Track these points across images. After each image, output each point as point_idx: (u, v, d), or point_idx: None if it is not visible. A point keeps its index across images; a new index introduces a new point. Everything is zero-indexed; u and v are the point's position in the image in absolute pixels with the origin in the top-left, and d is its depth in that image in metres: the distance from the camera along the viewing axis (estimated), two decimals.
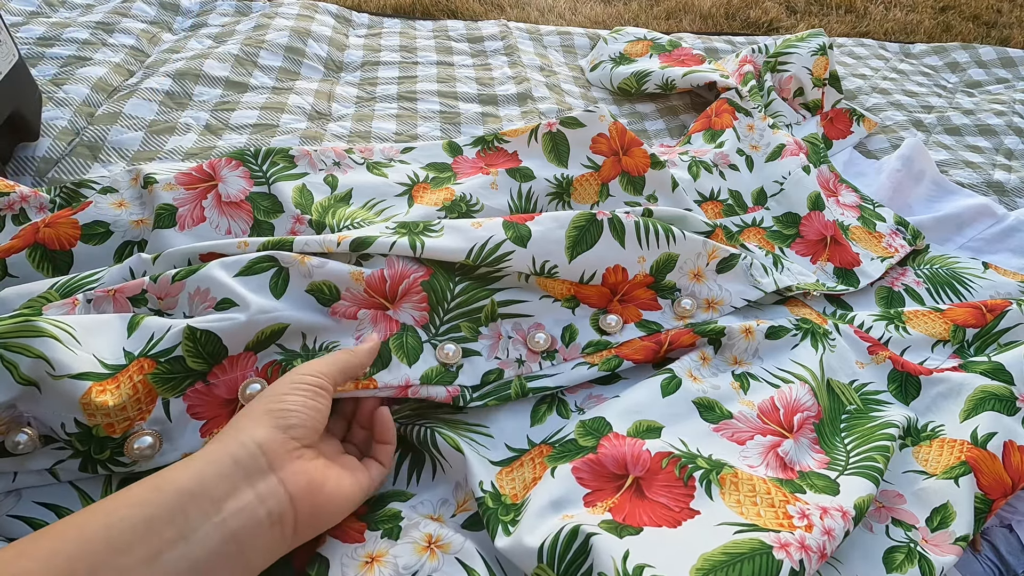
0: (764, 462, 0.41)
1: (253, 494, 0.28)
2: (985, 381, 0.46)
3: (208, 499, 0.26)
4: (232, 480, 0.27)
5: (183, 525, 0.25)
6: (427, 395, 0.42)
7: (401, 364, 0.42)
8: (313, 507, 0.30)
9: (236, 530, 0.26)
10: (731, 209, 0.65)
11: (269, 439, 0.29)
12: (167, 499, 0.26)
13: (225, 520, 0.26)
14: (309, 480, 0.30)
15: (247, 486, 0.28)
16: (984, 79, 1.02)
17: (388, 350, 0.42)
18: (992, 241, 0.66)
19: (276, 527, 0.28)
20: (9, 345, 0.32)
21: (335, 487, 0.31)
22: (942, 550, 0.38)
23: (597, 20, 1.71)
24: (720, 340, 0.49)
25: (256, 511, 0.27)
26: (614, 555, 0.32)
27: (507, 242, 0.46)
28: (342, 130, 0.70)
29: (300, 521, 0.29)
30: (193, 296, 0.40)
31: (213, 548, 0.25)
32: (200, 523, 0.26)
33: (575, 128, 0.60)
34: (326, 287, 0.42)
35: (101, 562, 0.23)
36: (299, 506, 0.29)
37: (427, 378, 0.42)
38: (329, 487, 0.31)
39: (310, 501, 0.30)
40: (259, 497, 0.28)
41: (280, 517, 0.28)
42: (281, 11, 0.89)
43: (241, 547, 0.26)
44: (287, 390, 0.33)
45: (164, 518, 0.25)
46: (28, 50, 0.71)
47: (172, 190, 0.48)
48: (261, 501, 0.28)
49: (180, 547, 0.25)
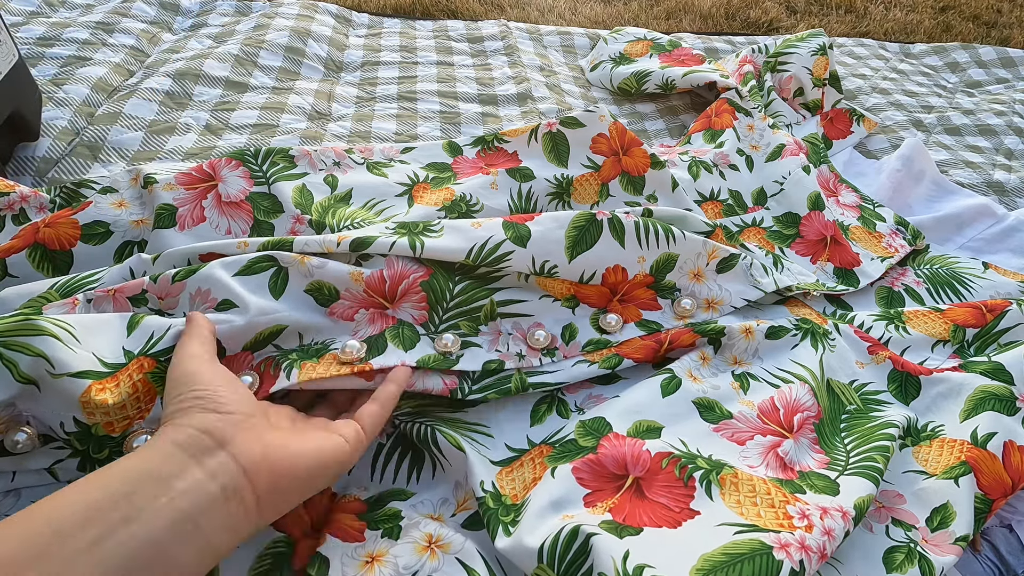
0: (764, 462, 0.41)
1: (202, 471, 0.27)
2: (985, 381, 0.46)
3: (153, 480, 0.26)
4: (178, 460, 0.27)
5: (128, 508, 0.25)
6: (423, 387, 0.42)
7: (397, 349, 0.42)
8: (272, 476, 0.28)
9: (187, 508, 0.26)
10: (731, 209, 0.65)
11: (206, 421, 0.29)
12: (111, 483, 0.25)
13: (173, 499, 0.25)
14: (263, 448, 0.29)
15: (195, 465, 0.27)
16: (984, 79, 1.02)
17: (384, 340, 0.42)
18: (992, 241, 0.66)
19: (233, 502, 0.27)
20: (9, 343, 0.32)
21: (295, 451, 0.30)
22: (942, 550, 0.38)
23: (597, 20, 1.71)
24: (720, 340, 0.49)
25: (207, 487, 0.26)
26: (614, 555, 0.32)
27: (507, 242, 0.46)
28: (342, 130, 0.70)
29: (261, 494, 0.28)
30: (194, 297, 0.40)
31: (163, 527, 0.25)
32: (147, 504, 0.25)
33: (575, 128, 0.60)
34: (325, 287, 0.42)
35: (45, 546, 0.23)
36: (256, 478, 0.28)
37: (424, 362, 0.42)
38: (288, 452, 0.29)
39: (268, 470, 0.28)
40: (209, 473, 0.27)
41: (236, 491, 0.27)
42: (281, 11, 0.89)
43: (196, 525, 0.26)
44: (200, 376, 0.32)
45: (108, 501, 0.25)
46: (28, 50, 0.71)
47: (172, 190, 0.48)
48: (212, 477, 0.27)
49: (127, 528, 0.24)
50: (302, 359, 0.39)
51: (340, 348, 0.40)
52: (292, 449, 0.30)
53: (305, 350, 0.41)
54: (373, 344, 0.42)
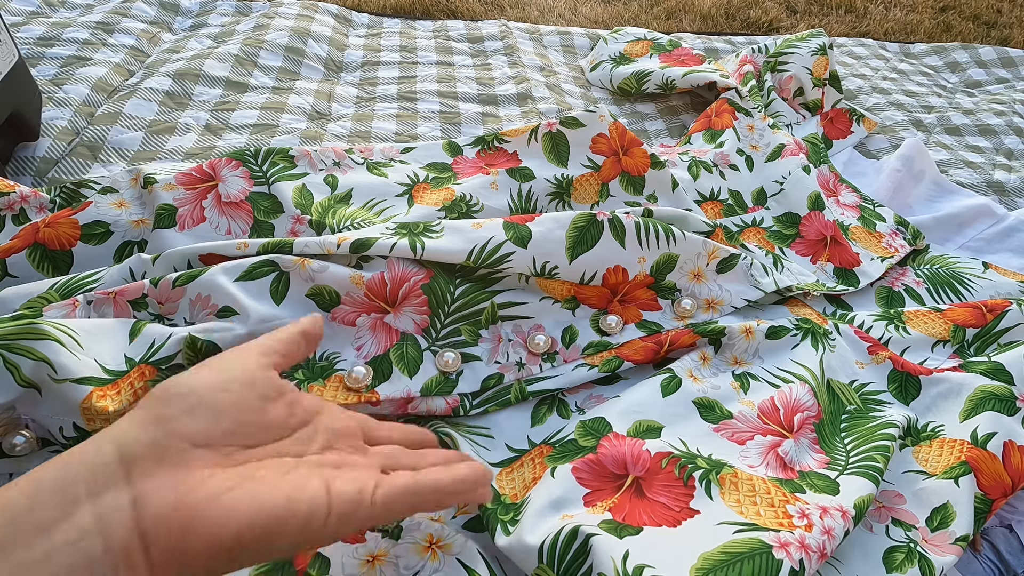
0: (764, 462, 0.41)
1: (91, 516, 0.20)
2: (985, 381, 0.47)
3: (34, 525, 0.20)
4: (70, 496, 0.20)
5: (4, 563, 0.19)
6: (427, 409, 0.42)
7: (402, 376, 0.42)
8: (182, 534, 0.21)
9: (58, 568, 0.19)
10: (731, 209, 0.65)
11: (132, 437, 0.22)
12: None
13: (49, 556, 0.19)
14: (182, 496, 0.21)
15: (87, 505, 0.20)
16: (984, 79, 1.02)
17: (389, 362, 0.42)
18: (992, 241, 0.66)
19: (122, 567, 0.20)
20: (12, 347, 0.32)
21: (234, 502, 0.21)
22: (942, 550, 0.38)
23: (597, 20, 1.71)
24: (720, 340, 0.49)
25: (87, 544, 0.20)
26: (614, 555, 0.32)
27: (507, 243, 0.46)
28: (342, 130, 0.70)
29: (161, 554, 0.21)
30: (194, 302, 0.40)
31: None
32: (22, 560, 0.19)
33: (575, 128, 0.60)
34: (326, 292, 0.42)
35: None
36: (157, 535, 0.20)
37: (427, 389, 0.42)
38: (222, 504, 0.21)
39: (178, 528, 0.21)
40: (97, 520, 0.20)
41: (124, 553, 0.20)
42: (281, 11, 0.89)
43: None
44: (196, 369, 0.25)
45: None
46: (28, 50, 0.71)
47: (172, 190, 0.48)
48: (97, 526, 0.20)
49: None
50: (309, 380, 0.40)
51: (346, 373, 0.41)
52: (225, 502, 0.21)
53: (310, 367, 0.41)
54: (378, 368, 0.42)
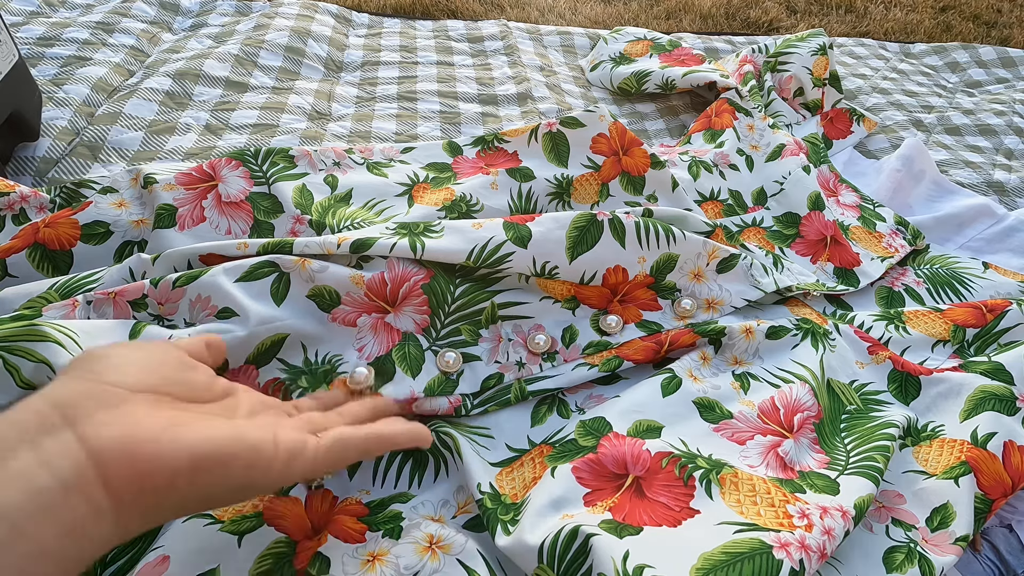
0: (764, 462, 0.41)
1: (32, 457, 0.21)
2: (985, 381, 0.47)
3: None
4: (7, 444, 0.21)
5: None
6: (431, 408, 0.42)
7: (406, 376, 0.42)
8: (134, 468, 0.22)
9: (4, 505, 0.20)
10: (731, 209, 0.65)
11: (66, 390, 0.23)
12: None
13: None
14: (125, 427, 0.22)
15: (26, 449, 0.21)
16: (984, 79, 1.02)
17: (392, 362, 0.42)
18: (992, 241, 0.66)
19: (74, 496, 0.21)
20: (13, 349, 0.32)
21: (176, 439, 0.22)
22: (942, 550, 0.38)
23: (597, 20, 1.71)
24: (720, 340, 0.49)
25: (32, 477, 0.20)
26: (614, 555, 0.32)
27: (508, 243, 0.46)
28: (342, 130, 0.70)
29: (116, 485, 0.21)
30: (194, 303, 0.40)
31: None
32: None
33: (575, 128, 0.60)
34: (327, 292, 0.42)
35: None
36: (109, 464, 0.21)
37: (430, 389, 0.42)
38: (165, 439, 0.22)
39: (128, 460, 0.22)
40: (40, 460, 0.21)
41: (77, 482, 0.21)
42: (281, 11, 0.89)
43: (15, 527, 0.20)
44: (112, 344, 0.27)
45: None
46: (28, 50, 0.71)
47: (172, 190, 0.48)
48: (42, 463, 0.21)
49: None
50: (313, 386, 0.40)
51: (348, 374, 0.41)
52: (171, 433, 0.22)
53: (313, 372, 0.41)
54: (380, 368, 0.42)
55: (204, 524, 0.35)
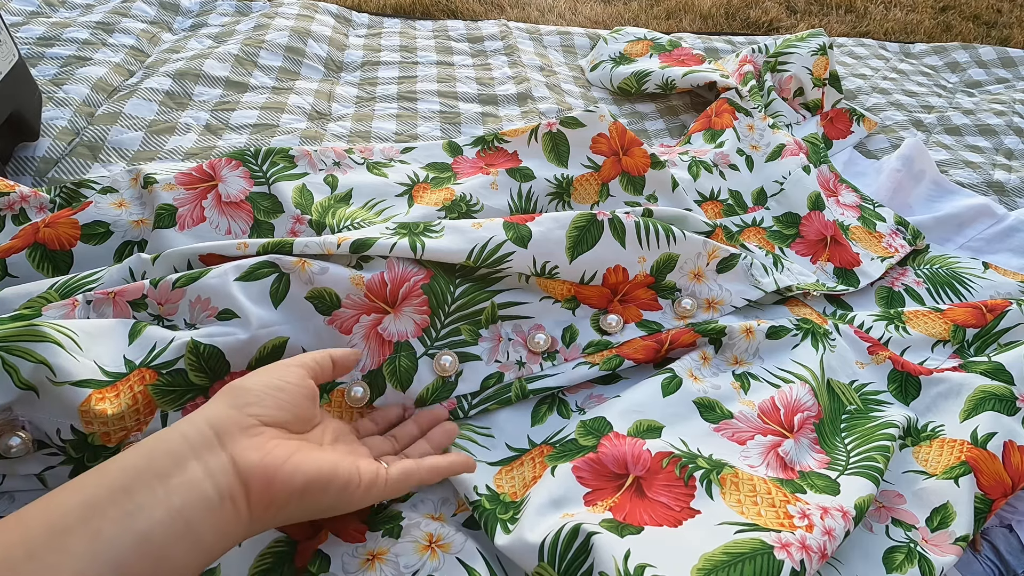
0: (764, 462, 0.41)
1: (201, 469, 0.26)
2: (985, 381, 0.47)
3: (152, 474, 0.25)
4: (179, 456, 0.26)
5: (126, 502, 0.24)
6: None
7: (395, 392, 0.42)
8: (266, 485, 0.28)
9: (181, 506, 0.25)
10: (731, 209, 0.65)
11: (221, 416, 0.28)
12: (109, 480, 0.25)
13: (169, 495, 0.25)
14: (262, 455, 0.28)
15: (195, 461, 0.26)
16: (984, 79, 1.02)
17: (382, 377, 0.42)
18: (992, 241, 0.66)
19: (227, 503, 0.27)
20: (12, 349, 0.32)
21: (295, 465, 0.29)
22: (942, 550, 0.38)
23: (597, 20, 1.71)
24: (721, 340, 0.49)
25: (202, 486, 0.26)
26: (615, 554, 0.32)
27: (508, 243, 0.46)
28: (342, 130, 0.70)
29: (254, 499, 0.27)
30: (194, 304, 0.40)
31: (157, 522, 0.24)
32: (144, 499, 0.25)
33: (575, 128, 0.60)
34: (326, 294, 0.42)
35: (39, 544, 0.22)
36: (251, 482, 0.27)
37: (422, 399, 0.43)
38: (287, 464, 0.29)
39: (262, 478, 0.28)
40: (206, 471, 0.26)
41: (230, 493, 0.27)
42: (281, 11, 0.89)
43: (188, 524, 0.25)
44: (249, 375, 0.32)
45: (106, 497, 0.24)
46: (28, 50, 0.71)
47: (172, 190, 0.48)
48: (208, 475, 0.26)
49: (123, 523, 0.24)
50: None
51: (347, 389, 0.42)
52: (292, 462, 0.29)
53: None
54: (372, 383, 0.42)
55: None
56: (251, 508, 0.27)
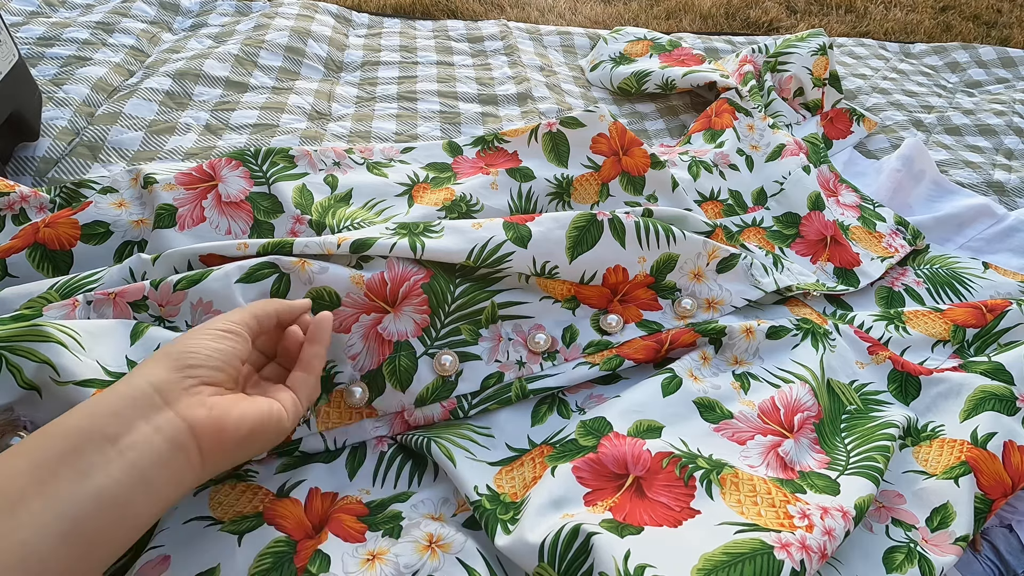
0: (764, 462, 0.41)
1: (150, 428, 0.27)
2: (985, 381, 0.47)
3: (100, 435, 0.26)
4: (125, 417, 0.27)
5: (77, 462, 0.25)
6: (424, 417, 0.43)
7: (395, 392, 0.42)
8: (217, 434, 0.29)
9: (135, 461, 0.26)
10: (731, 209, 0.65)
11: (163, 378, 0.29)
12: (54, 443, 0.26)
13: (122, 452, 0.26)
14: (208, 409, 0.30)
15: (142, 421, 0.27)
16: (984, 79, 1.02)
17: (382, 377, 0.42)
18: (992, 241, 0.66)
19: (180, 454, 0.28)
20: (15, 348, 0.32)
21: (239, 415, 0.31)
22: (942, 550, 0.38)
23: (597, 20, 1.71)
24: (721, 340, 0.49)
25: (153, 442, 0.27)
26: (615, 555, 0.32)
27: (507, 243, 0.46)
28: (342, 130, 0.70)
29: (206, 450, 0.29)
30: (195, 306, 0.40)
31: (114, 479, 0.25)
32: (96, 458, 0.25)
33: (575, 128, 0.60)
34: (326, 293, 0.42)
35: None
36: (202, 436, 0.29)
37: (422, 399, 0.43)
38: (231, 415, 0.30)
39: (213, 428, 0.29)
40: (155, 428, 0.28)
41: (182, 444, 0.28)
42: (281, 11, 0.89)
43: (144, 477, 0.26)
44: (190, 334, 0.33)
45: (55, 459, 0.25)
46: (28, 50, 0.71)
47: (172, 190, 0.48)
48: (157, 431, 0.27)
49: (78, 482, 0.25)
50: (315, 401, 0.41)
51: (346, 389, 0.42)
52: (236, 413, 0.31)
53: None
54: (372, 383, 0.42)
55: (204, 524, 0.35)
56: (203, 457, 0.29)
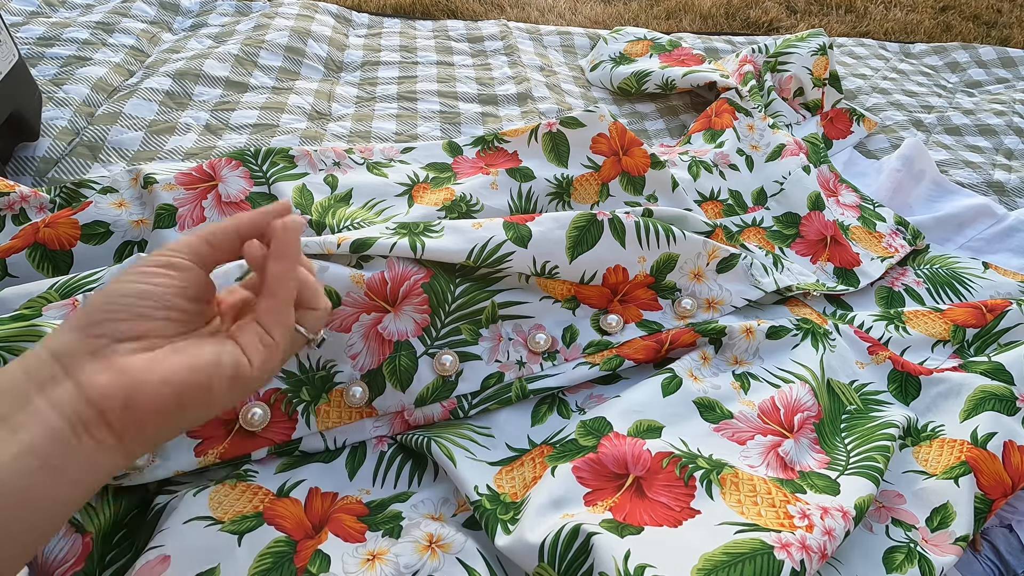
0: (765, 462, 0.41)
1: (45, 403, 0.25)
2: (985, 381, 0.47)
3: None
4: (20, 393, 0.25)
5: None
6: (424, 417, 0.43)
7: (395, 392, 0.42)
8: (125, 403, 0.25)
9: (30, 442, 0.24)
10: (731, 209, 0.65)
11: (64, 342, 0.26)
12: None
13: (15, 431, 0.24)
14: (111, 376, 0.25)
15: (38, 396, 0.25)
16: (984, 79, 1.02)
17: (382, 377, 0.42)
18: (992, 241, 0.66)
19: (82, 433, 0.25)
20: (13, 349, 0.32)
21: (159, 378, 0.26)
22: (942, 550, 0.38)
23: (597, 20, 1.71)
24: (721, 340, 0.49)
25: (48, 420, 0.24)
26: (615, 555, 0.32)
27: (508, 243, 0.46)
28: (342, 130, 0.70)
29: (117, 424, 0.25)
30: None
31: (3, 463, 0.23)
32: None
33: (575, 128, 0.60)
34: (327, 292, 0.42)
35: None
36: (105, 408, 0.25)
37: (422, 399, 0.43)
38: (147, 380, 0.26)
39: (119, 395, 0.25)
40: (50, 404, 0.25)
41: (82, 423, 0.25)
42: (281, 11, 0.89)
43: (43, 459, 0.24)
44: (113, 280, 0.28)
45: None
46: (28, 50, 0.71)
47: (172, 190, 0.48)
48: (52, 407, 0.24)
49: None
50: (315, 399, 0.41)
51: (346, 388, 0.42)
52: (157, 374, 0.26)
53: (311, 381, 0.41)
54: (372, 383, 0.42)
55: (204, 524, 0.35)
56: (117, 434, 0.25)
